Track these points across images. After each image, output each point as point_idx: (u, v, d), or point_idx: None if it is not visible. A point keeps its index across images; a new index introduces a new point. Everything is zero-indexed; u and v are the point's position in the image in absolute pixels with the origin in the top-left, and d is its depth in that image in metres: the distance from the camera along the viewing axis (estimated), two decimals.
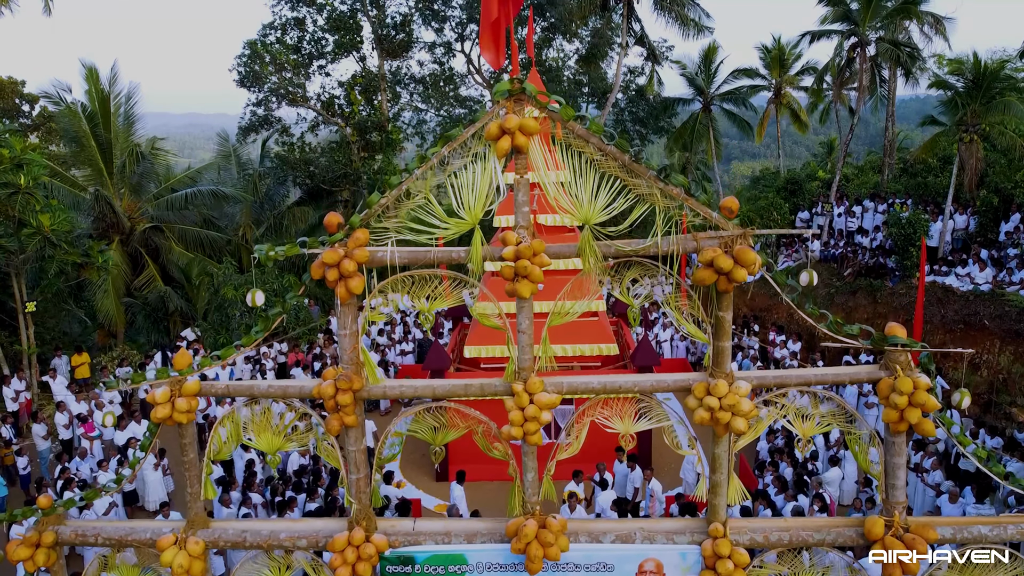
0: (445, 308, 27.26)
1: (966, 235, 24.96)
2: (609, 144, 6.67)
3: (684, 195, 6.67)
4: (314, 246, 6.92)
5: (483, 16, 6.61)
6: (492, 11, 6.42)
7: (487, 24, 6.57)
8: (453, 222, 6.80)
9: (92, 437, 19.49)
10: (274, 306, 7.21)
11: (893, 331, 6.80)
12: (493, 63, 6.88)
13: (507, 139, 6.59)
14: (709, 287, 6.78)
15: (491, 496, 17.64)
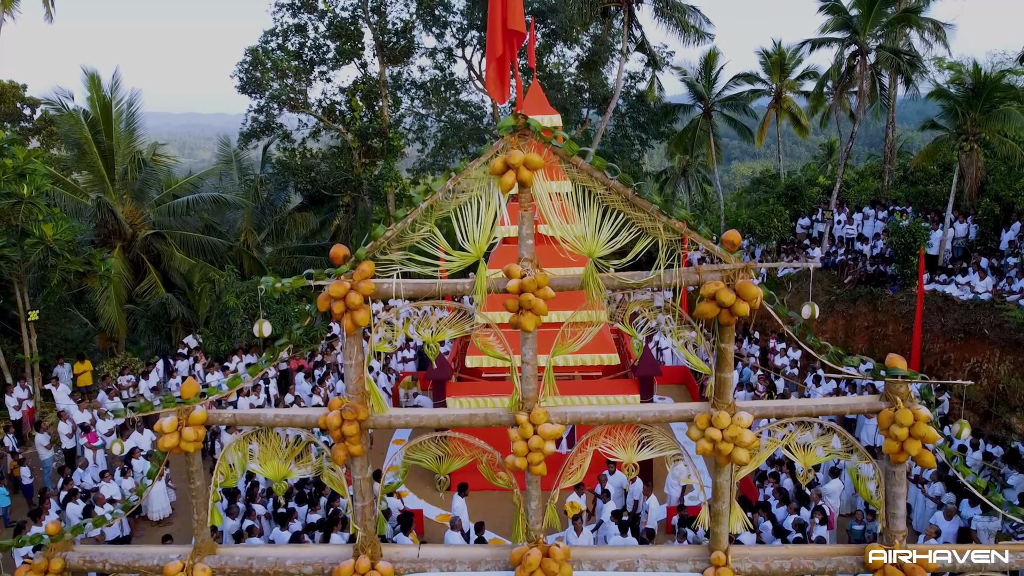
0: None
1: (966, 243, 25.03)
2: (613, 179, 6.74)
3: (687, 229, 6.73)
4: (320, 278, 6.99)
5: (488, 53, 6.67)
6: (497, 48, 6.48)
7: (492, 60, 6.63)
8: (457, 255, 6.87)
9: (95, 447, 19.54)
10: (281, 336, 7.27)
11: (893, 362, 6.86)
12: (498, 98, 6.93)
13: (511, 174, 6.65)
14: (711, 319, 6.84)
15: (493, 506, 17.67)
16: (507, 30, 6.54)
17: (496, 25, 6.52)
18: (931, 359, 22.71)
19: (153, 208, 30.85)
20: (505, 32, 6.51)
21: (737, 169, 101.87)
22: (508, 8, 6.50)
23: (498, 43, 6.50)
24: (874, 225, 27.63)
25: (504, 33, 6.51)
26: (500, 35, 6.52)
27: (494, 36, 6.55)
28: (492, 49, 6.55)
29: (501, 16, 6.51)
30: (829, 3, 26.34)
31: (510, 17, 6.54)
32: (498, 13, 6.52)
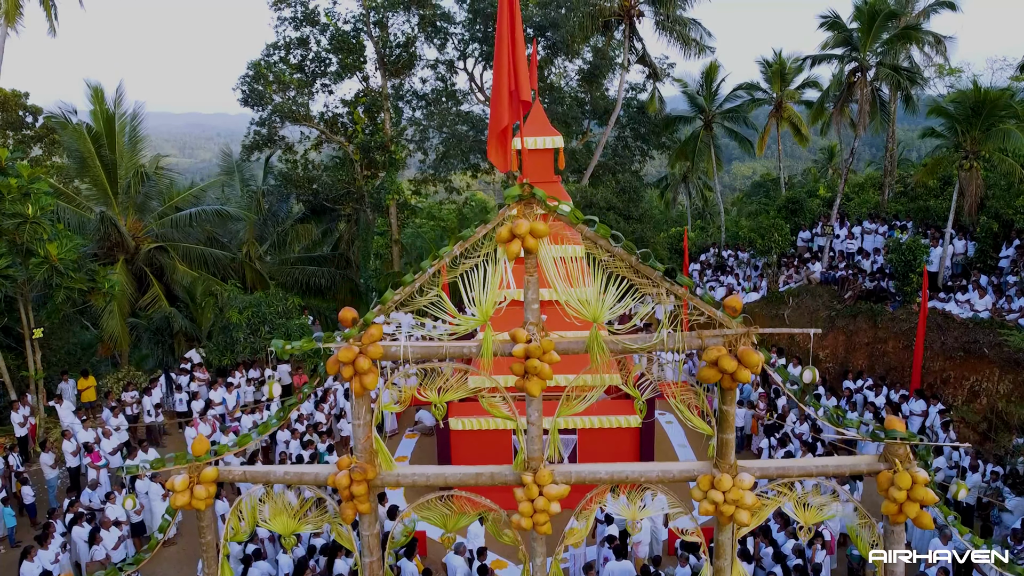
0: None
1: (965, 260, 25.14)
2: (617, 246, 6.85)
3: (689, 295, 6.85)
4: (329, 340, 7.10)
5: (492, 123, 6.72)
6: (503, 119, 6.54)
7: (496, 131, 6.70)
8: (464, 319, 6.99)
9: (99, 466, 19.64)
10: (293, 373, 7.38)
11: (892, 424, 6.98)
12: (501, 167, 7.03)
13: (517, 242, 6.77)
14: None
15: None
16: (514, 100, 6.59)
17: (502, 95, 6.55)
18: (931, 377, 22.82)
19: (156, 221, 30.97)
20: (512, 103, 6.56)
21: (738, 170, 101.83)
22: (519, 77, 6.55)
23: (504, 114, 6.55)
24: (874, 239, 27.76)
25: (511, 104, 6.56)
26: (507, 105, 6.57)
27: (499, 106, 6.59)
28: (497, 119, 6.60)
29: (510, 86, 6.54)
30: (829, 19, 26.43)
31: (522, 87, 6.60)
32: (505, 82, 6.55)
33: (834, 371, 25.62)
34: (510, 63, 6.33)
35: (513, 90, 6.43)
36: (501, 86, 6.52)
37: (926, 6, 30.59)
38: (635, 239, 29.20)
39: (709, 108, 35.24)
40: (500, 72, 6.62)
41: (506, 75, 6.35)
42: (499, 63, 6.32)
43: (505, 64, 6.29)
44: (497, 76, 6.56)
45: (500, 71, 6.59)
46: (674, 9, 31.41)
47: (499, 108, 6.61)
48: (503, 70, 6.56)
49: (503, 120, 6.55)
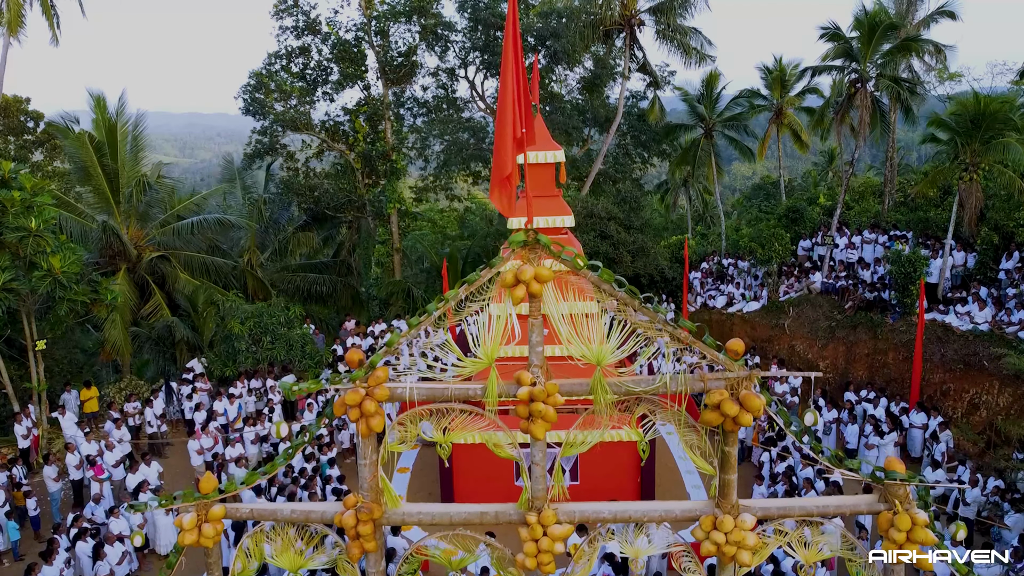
0: None
1: (965, 271, 25.21)
2: (620, 291, 6.94)
3: (691, 338, 6.94)
4: (336, 382, 7.19)
5: (495, 171, 6.73)
6: (506, 167, 6.57)
7: (499, 177, 6.72)
8: (469, 361, 7.07)
9: (101, 479, 19.74)
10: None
11: (891, 465, 7.06)
12: (506, 213, 7.10)
13: (522, 287, 6.85)
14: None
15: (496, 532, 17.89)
16: (517, 145, 6.61)
17: (506, 143, 6.57)
18: (930, 389, 22.92)
19: (158, 229, 31.06)
20: (515, 148, 6.59)
21: (738, 170, 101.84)
22: (528, 125, 6.56)
23: (508, 162, 6.59)
24: (874, 249, 27.83)
25: (514, 150, 6.59)
26: (511, 153, 6.60)
27: (503, 154, 6.60)
28: (500, 167, 6.61)
29: (513, 131, 6.56)
30: (830, 31, 26.49)
31: (537, 135, 6.65)
32: (509, 128, 6.57)
33: (835, 381, 25.71)
34: (516, 110, 6.36)
35: (518, 138, 6.46)
36: (505, 134, 6.52)
37: (926, 15, 30.68)
38: (636, 249, 29.29)
39: (710, 116, 35.33)
40: (504, 119, 6.60)
41: (511, 123, 6.37)
42: (503, 109, 6.34)
43: (510, 111, 6.32)
44: (501, 123, 6.55)
45: (504, 118, 6.58)
46: (675, 18, 31.50)
47: (503, 155, 6.62)
48: (508, 117, 6.57)
49: (506, 167, 6.58)
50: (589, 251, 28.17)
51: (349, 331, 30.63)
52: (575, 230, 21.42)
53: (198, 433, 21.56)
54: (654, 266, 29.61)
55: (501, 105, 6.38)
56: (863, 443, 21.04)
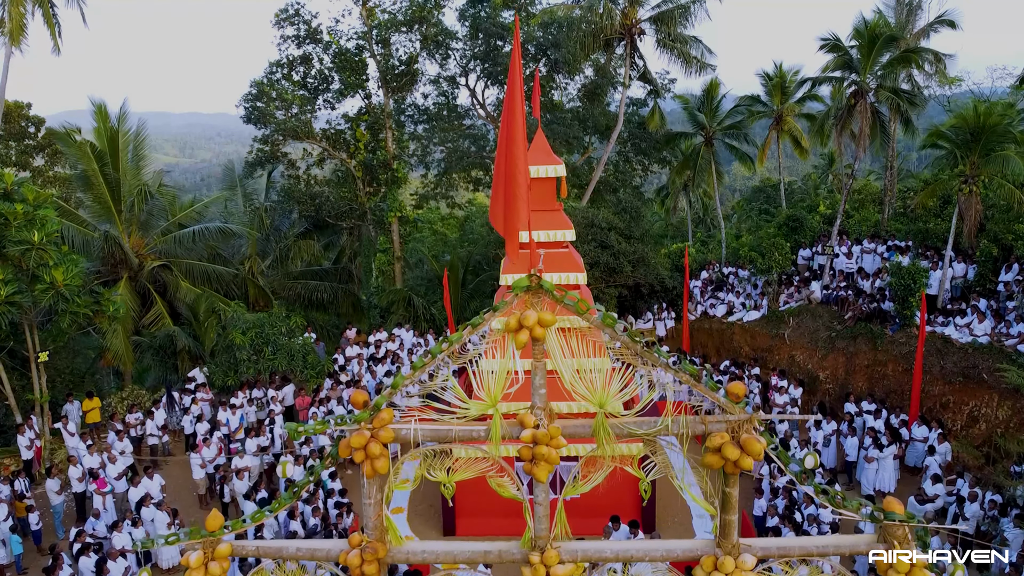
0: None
1: (964, 283, 25.29)
2: (623, 334, 7.01)
3: (693, 381, 7.01)
4: (341, 424, 7.26)
5: (507, 226, 6.72)
6: (520, 221, 6.59)
7: (513, 233, 6.72)
8: (473, 404, 7.15)
9: (104, 492, 19.83)
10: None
11: (890, 506, 7.13)
12: (513, 259, 7.17)
13: (526, 332, 6.93)
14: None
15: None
16: (527, 204, 6.63)
17: (519, 202, 6.51)
18: (930, 401, 23.01)
19: (159, 238, 31.15)
20: (526, 207, 6.61)
21: (738, 171, 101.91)
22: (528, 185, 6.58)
23: (522, 217, 6.57)
24: (874, 260, 27.91)
25: (527, 204, 6.61)
26: (524, 210, 6.58)
27: (517, 211, 6.55)
28: (513, 223, 6.59)
29: (519, 192, 6.55)
30: (830, 42, 26.57)
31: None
32: (524, 193, 6.56)
33: (834, 392, 25.81)
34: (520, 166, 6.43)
35: (526, 194, 6.52)
36: (519, 196, 6.55)
37: (926, 24, 30.79)
38: (636, 259, 29.37)
39: (710, 124, 35.41)
40: (516, 179, 6.61)
41: (523, 182, 6.44)
42: (512, 168, 6.40)
43: (521, 170, 6.39)
44: (512, 181, 6.57)
45: (516, 176, 6.59)
46: (675, 27, 31.58)
47: (516, 211, 6.63)
48: (520, 175, 6.59)
49: (521, 220, 6.61)
50: (589, 261, 28.24)
51: (350, 340, 30.72)
52: (576, 242, 21.49)
53: (200, 445, 21.63)
54: (654, 276, 29.70)
55: (509, 168, 6.44)
56: (863, 455, 21.11)
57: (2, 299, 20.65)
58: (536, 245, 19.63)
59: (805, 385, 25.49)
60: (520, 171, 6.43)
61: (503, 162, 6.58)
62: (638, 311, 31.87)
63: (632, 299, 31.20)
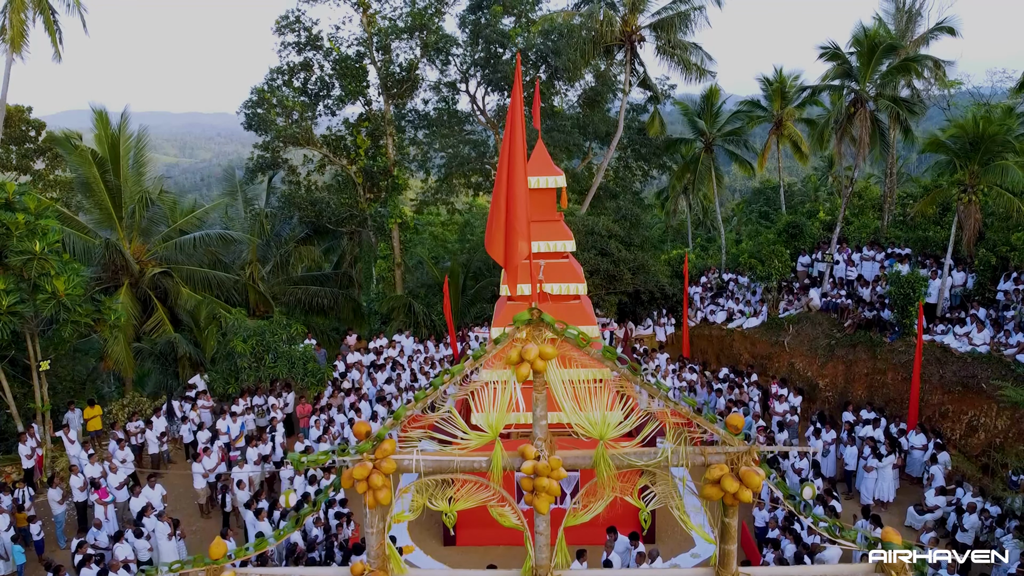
0: (451, 365, 27.77)
1: (964, 291, 25.34)
2: (623, 368, 7.07)
3: (693, 413, 7.07)
4: (344, 455, 7.32)
5: (507, 262, 6.80)
6: (520, 256, 6.65)
7: (513, 267, 6.80)
8: (474, 434, 7.21)
9: (106, 502, 19.87)
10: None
11: (888, 537, 7.20)
12: (513, 291, 7.22)
13: (527, 365, 6.99)
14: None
15: (499, 561, 18.02)
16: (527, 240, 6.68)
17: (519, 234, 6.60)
18: (929, 410, 23.06)
19: (160, 244, 31.20)
20: (527, 234, 6.67)
21: (738, 171, 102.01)
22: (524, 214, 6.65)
23: (521, 251, 6.66)
24: (873, 267, 27.96)
25: (528, 237, 6.66)
26: (525, 240, 6.65)
27: (515, 244, 6.65)
28: (512, 258, 6.68)
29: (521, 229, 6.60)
30: (829, 50, 26.61)
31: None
32: (525, 230, 6.61)
33: (833, 400, 25.88)
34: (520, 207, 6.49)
35: (526, 230, 6.58)
36: (518, 232, 6.62)
37: (925, 31, 30.81)
38: (636, 266, 29.42)
39: (710, 131, 35.47)
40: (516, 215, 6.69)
41: (524, 220, 6.51)
42: (512, 204, 6.46)
43: (521, 207, 6.45)
44: (512, 217, 6.64)
45: (516, 212, 6.67)
46: (675, 34, 31.62)
47: (514, 245, 6.71)
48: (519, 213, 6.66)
49: (520, 253, 6.69)
50: (590, 268, 28.30)
51: (350, 346, 30.78)
52: (576, 249, 21.54)
53: (201, 454, 21.67)
54: (654, 283, 29.76)
55: (511, 201, 6.49)
56: (862, 464, 21.16)
57: (4, 309, 20.72)
58: (536, 256, 19.80)
59: (804, 393, 25.57)
60: (520, 208, 6.49)
61: (502, 197, 6.64)
62: (638, 317, 31.94)
63: (632, 305, 31.27)
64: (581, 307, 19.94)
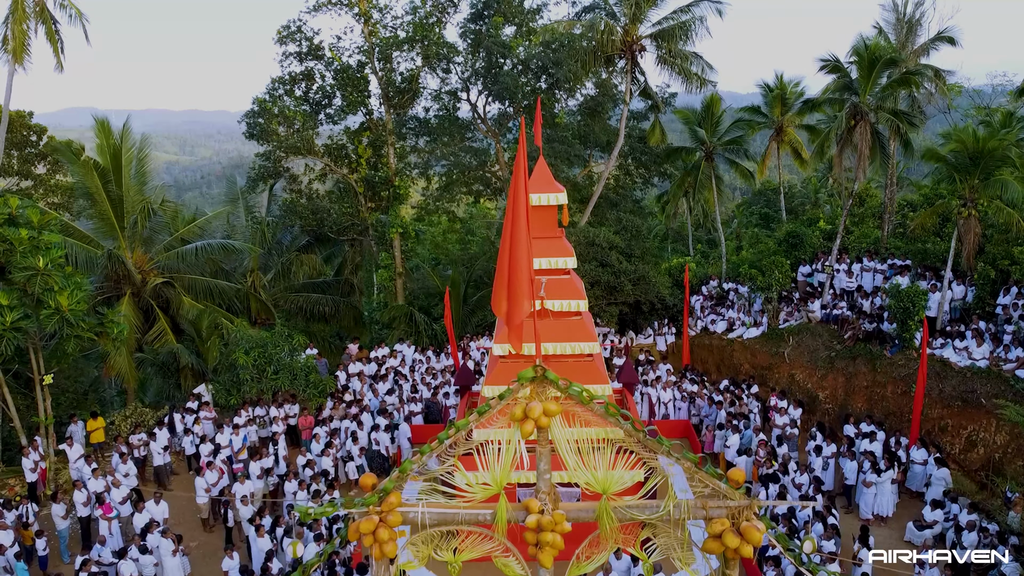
0: (452, 375, 27.82)
1: (963, 304, 25.41)
2: (626, 424, 7.16)
3: (694, 469, 7.17)
4: (351, 506, 7.41)
5: (510, 317, 6.93)
6: (521, 313, 6.78)
7: (515, 323, 6.92)
8: (479, 488, 7.30)
9: (110, 517, 19.97)
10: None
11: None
12: (517, 349, 7.32)
13: (531, 422, 7.08)
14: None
15: None
16: (531, 295, 6.80)
17: (521, 293, 6.73)
18: (929, 424, 23.14)
19: (162, 254, 31.30)
20: (530, 294, 6.78)
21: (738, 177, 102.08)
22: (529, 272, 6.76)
23: (523, 309, 6.77)
24: (874, 277, 28.02)
25: (531, 297, 6.77)
26: (526, 303, 6.74)
27: (518, 304, 6.76)
28: (516, 314, 6.81)
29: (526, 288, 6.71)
30: (830, 63, 26.67)
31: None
32: (527, 289, 6.72)
33: (833, 412, 25.97)
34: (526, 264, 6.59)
35: (529, 288, 6.69)
36: (521, 290, 6.74)
37: (926, 41, 30.86)
38: (637, 277, 29.51)
39: (710, 140, 35.53)
40: (519, 279, 6.80)
41: (526, 279, 6.61)
42: (516, 268, 6.57)
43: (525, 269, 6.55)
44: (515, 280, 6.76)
45: (519, 276, 6.78)
46: (676, 44, 31.66)
47: (518, 305, 6.82)
48: (522, 273, 6.76)
49: (523, 313, 6.80)
50: (591, 280, 28.39)
51: (352, 356, 30.90)
52: (577, 260, 21.60)
53: (203, 468, 21.76)
54: (654, 293, 29.88)
55: (514, 265, 6.58)
56: (861, 479, 21.23)
57: (8, 325, 20.83)
58: (538, 272, 19.88)
59: (804, 405, 25.68)
60: (523, 272, 6.59)
61: (506, 259, 6.74)
62: (639, 327, 32.06)
63: (633, 315, 31.38)
64: (582, 323, 20.02)
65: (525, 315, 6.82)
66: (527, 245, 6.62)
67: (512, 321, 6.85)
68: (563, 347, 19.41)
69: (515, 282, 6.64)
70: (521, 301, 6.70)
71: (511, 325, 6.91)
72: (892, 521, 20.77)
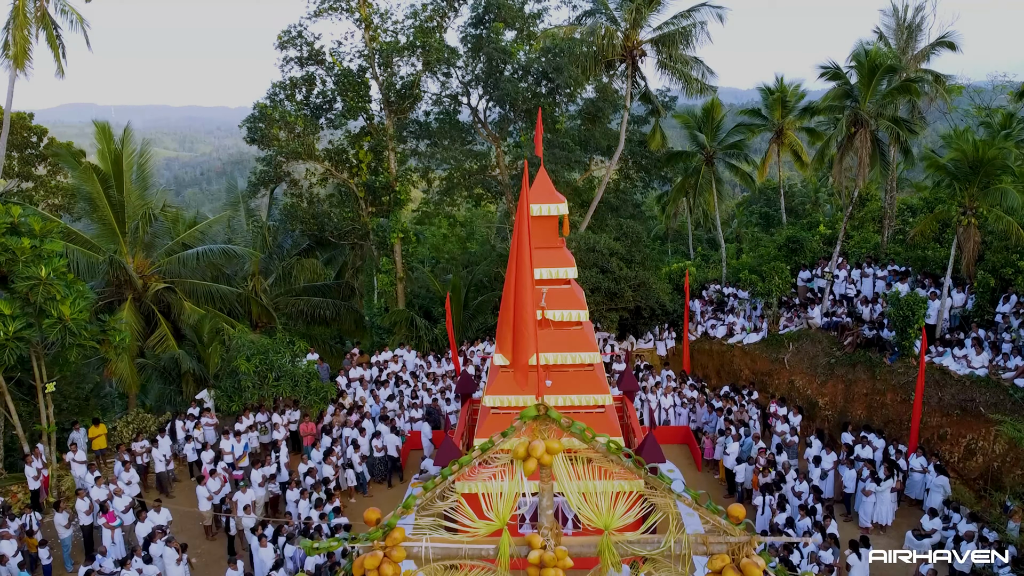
0: (454, 382, 27.92)
1: (963, 312, 25.49)
2: (627, 462, 7.25)
3: (695, 505, 7.25)
4: (356, 541, 7.50)
5: (515, 356, 7.02)
6: (527, 352, 6.87)
7: (522, 363, 7.02)
8: (482, 524, 7.39)
9: (113, 526, 20.07)
10: None
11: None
12: (522, 385, 7.40)
13: (534, 460, 7.17)
14: None
15: None
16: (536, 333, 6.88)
17: (527, 331, 6.81)
18: (928, 432, 23.25)
19: (163, 259, 31.36)
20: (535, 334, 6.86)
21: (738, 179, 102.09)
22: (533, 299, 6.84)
23: (529, 349, 6.84)
24: (873, 284, 28.11)
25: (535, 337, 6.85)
26: (533, 340, 6.82)
27: (524, 341, 6.85)
28: (522, 353, 6.90)
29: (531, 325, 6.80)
30: (830, 70, 26.70)
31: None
32: (532, 327, 6.80)
33: (833, 419, 26.07)
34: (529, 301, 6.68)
35: (534, 331, 6.77)
36: (528, 335, 6.84)
37: (926, 47, 30.91)
38: (637, 283, 29.60)
39: (710, 144, 35.59)
40: (525, 320, 6.90)
41: (532, 323, 6.70)
42: (521, 309, 6.66)
43: (530, 313, 6.65)
44: (520, 321, 6.86)
45: (524, 318, 6.88)
46: (676, 49, 31.70)
47: (524, 343, 6.92)
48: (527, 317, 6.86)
49: (528, 355, 6.89)
50: (591, 286, 28.46)
51: (353, 361, 30.99)
52: (577, 266, 21.65)
53: (205, 477, 21.83)
54: (655, 299, 29.97)
55: (519, 306, 6.67)
56: (860, 488, 21.33)
57: (10, 334, 20.91)
58: (538, 282, 19.94)
59: (804, 411, 25.79)
60: (528, 314, 6.68)
61: (511, 300, 6.82)
62: (639, 332, 32.16)
63: (633, 320, 31.48)
64: (582, 333, 20.09)
65: (530, 357, 6.90)
66: (531, 292, 6.72)
67: (518, 363, 6.94)
68: (564, 357, 19.46)
69: (520, 327, 6.73)
70: (527, 345, 6.79)
71: (516, 367, 7.00)
72: (891, 530, 20.88)
